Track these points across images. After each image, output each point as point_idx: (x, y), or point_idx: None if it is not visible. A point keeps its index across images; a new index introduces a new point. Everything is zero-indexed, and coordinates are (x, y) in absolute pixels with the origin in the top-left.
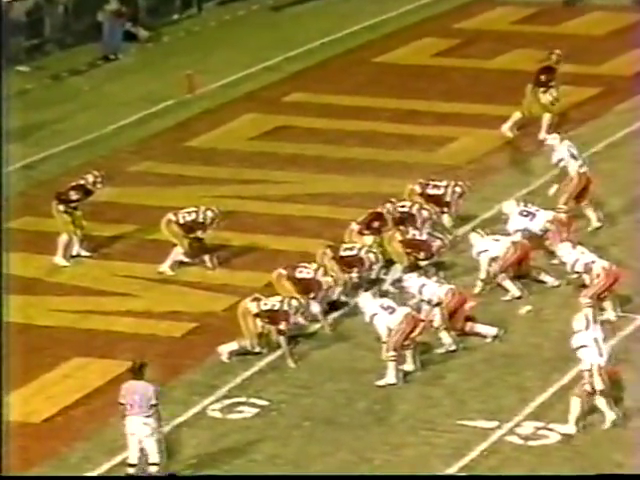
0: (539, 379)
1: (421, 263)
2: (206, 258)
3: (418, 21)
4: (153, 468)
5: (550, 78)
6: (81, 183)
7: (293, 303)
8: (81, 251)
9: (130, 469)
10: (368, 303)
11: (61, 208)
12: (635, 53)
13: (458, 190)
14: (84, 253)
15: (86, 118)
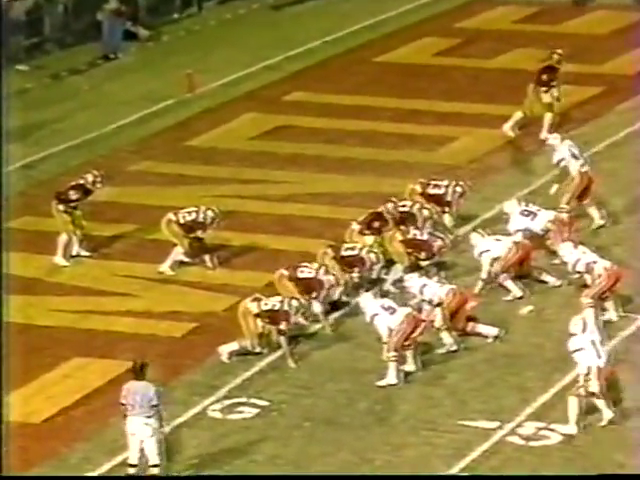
0: (540, 379)
1: (422, 263)
2: (206, 258)
3: (419, 20)
4: (153, 470)
5: (552, 78)
6: (81, 183)
7: (293, 303)
8: (81, 251)
9: (130, 469)
10: (369, 303)
11: (61, 208)
12: (637, 52)
13: (459, 190)
14: (84, 253)
15: (86, 117)
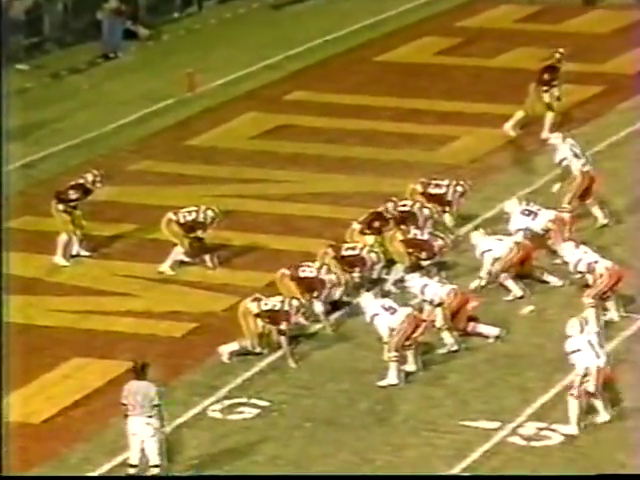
0: (541, 379)
1: (423, 263)
2: (206, 258)
3: (419, 19)
4: (154, 470)
5: (553, 77)
6: (80, 182)
7: (294, 303)
8: (81, 251)
9: (131, 469)
10: (369, 303)
11: (60, 207)
12: (638, 51)
13: (460, 189)
14: (84, 253)
15: (86, 117)
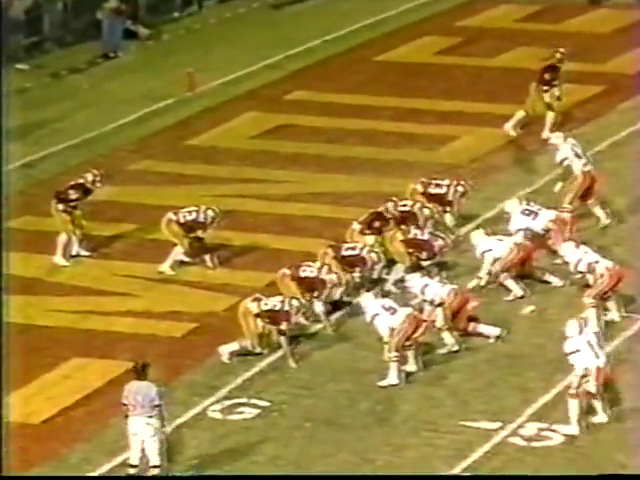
0: (542, 380)
1: (423, 263)
2: (206, 258)
3: (420, 19)
4: (154, 470)
5: (554, 77)
6: (80, 182)
7: (294, 303)
8: (81, 251)
9: (131, 470)
10: (370, 303)
11: (60, 207)
12: (639, 51)
13: (460, 189)
14: (84, 253)
15: (86, 116)
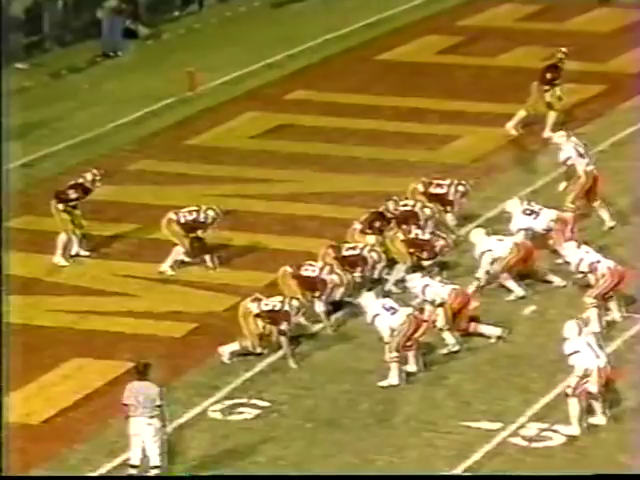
0: (543, 380)
1: (424, 263)
2: (207, 258)
3: (421, 18)
4: (154, 471)
5: (556, 76)
6: (80, 182)
7: (294, 303)
8: (80, 250)
9: (132, 470)
10: (370, 303)
11: (60, 207)
12: None
13: (461, 189)
14: (83, 252)
15: (85, 116)
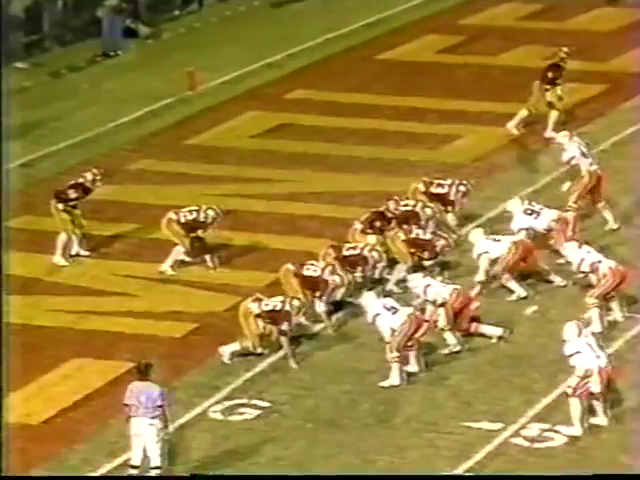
0: (545, 380)
1: (425, 263)
2: (207, 257)
3: (422, 18)
4: (154, 472)
5: (557, 75)
6: (80, 181)
7: (295, 303)
8: (80, 250)
9: (132, 470)
10: (371, 303)
11: (60, 207)
12: None
13: (462, 189)
14: (83, 252)
15: (85, 115)
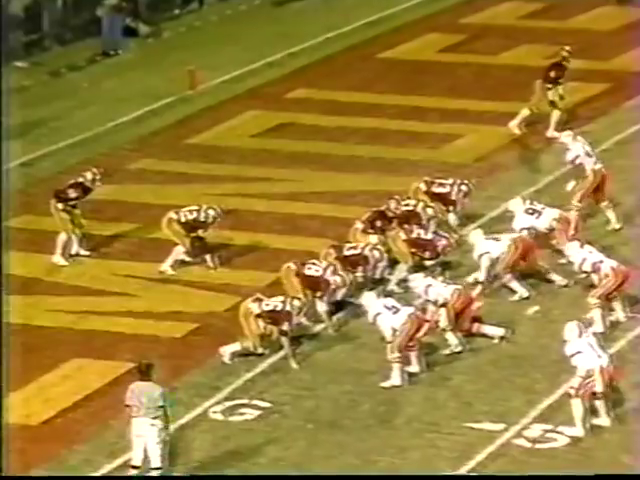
0: (547, 381)
1: (426, 263)
2: (208, 257)
3: (423, 16)
4: (154, 472)
5: (559, 74)
6: (80, 181)
7: (295, 303)
8: (80, 250)
9: (133, 470)
10: (372, 303)
11: (60, 206)
12: None
13: (464, 189)
14: (83, 252)
15: (85, 115)
